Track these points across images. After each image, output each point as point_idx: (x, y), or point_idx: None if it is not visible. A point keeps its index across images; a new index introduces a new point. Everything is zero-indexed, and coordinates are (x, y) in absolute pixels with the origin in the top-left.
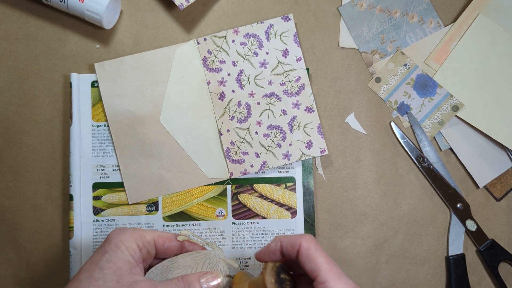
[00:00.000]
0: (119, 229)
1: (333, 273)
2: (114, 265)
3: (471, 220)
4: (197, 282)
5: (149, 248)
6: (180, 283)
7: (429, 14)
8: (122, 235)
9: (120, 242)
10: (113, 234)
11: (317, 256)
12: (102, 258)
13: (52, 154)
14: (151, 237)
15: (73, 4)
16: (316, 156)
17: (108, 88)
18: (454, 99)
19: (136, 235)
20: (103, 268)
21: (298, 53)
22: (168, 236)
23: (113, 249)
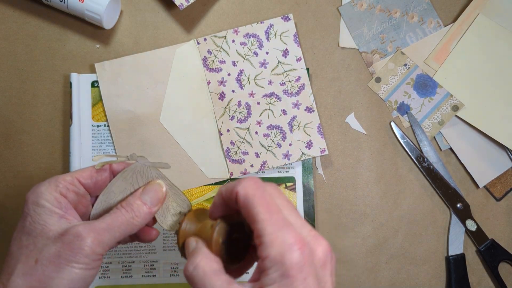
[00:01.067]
0: (34, 186)
1: (270, 224)
2: (39, 225)
3: (471, 220)
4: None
5: (75, 190)
6: (122, 211)
7: (429, 14)
8: (37, 190)
9: (38, 198)
10: (29, 194)
11: (254, 205)
12: (25, 223)
13: (52, 154)
14: (71, 178)
15: (73, 4)
16: (316, 156)
17: (108, 88)
18: (454, 99)
19: (53, 183)
20: (29, 232)
21: (298, 53)
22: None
23: (33, 208)
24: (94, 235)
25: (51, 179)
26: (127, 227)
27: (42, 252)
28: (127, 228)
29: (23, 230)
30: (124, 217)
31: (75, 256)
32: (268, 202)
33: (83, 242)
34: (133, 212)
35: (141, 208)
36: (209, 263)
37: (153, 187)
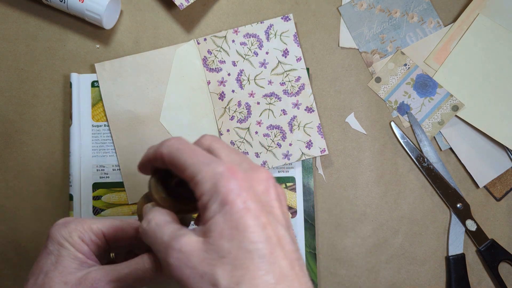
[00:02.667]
0: (61, 223)
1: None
2: (60, 266)
3: (471, 220)
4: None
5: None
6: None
7: (429, 14)
8: (64, 230)
9: (63, 239)
10: (54, 230)
11: (180, 157)
12: (47, 261)
13: (52, 154)
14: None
15: (73, 4)
16: (316, 156)
17: (109, 88)
18: (454, 99)
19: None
20: (48, 272)
21: (298, 53)
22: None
23: (57, 248)
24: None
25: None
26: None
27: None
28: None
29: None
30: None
31: None
32: (192, 149)
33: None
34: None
35: None
36: (161, 216)
37: None
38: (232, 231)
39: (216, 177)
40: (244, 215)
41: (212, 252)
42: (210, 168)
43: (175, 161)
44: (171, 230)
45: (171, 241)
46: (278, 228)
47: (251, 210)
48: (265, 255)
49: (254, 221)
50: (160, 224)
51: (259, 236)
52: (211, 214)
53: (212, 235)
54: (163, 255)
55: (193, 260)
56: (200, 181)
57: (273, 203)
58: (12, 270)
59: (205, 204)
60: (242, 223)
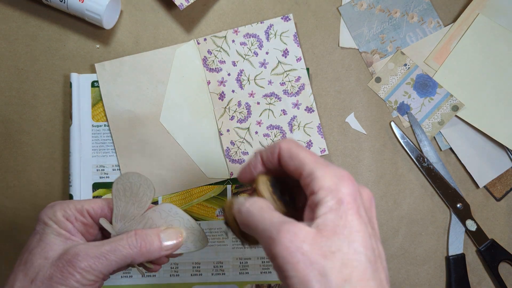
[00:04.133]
0: (48, 206)
1: (319, 163)
2: (42, 243)
3: (471, 220)
4: (156, 237)
5: (82, 220)
6: (132, 238)
7: (429, 14)
8: (49, 211)
9: (47, 218)
10: (41, 212)
11: (299, 152)
12: (33, 240)
13: (52, 154)
14: (81, 206)
15: (73, 4)
16: None
17: (109, 88)
18: (454, 99)
19: (64, 207)
20: (32, 249)
21: (298, 53)
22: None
23: (42, 227)
24: (88, 262)
25: (63, 202)
26: (127, 258)
27: (38, 273)
28: (127, 259)
29: (27, 248)
30: (128, 248)
31: (65, 280)
32: (310, 151)
33: (75, 267)
34: (144, 244)
35: (154, 244)
36: (265, 203)
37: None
38: (345, 230)
39: (337, 178)
40: (357, 219)
41: (324, 245)
42: (331, 168)
43: (294, 156)
44: (279, 215)
45: (284, 224)
46: (379, 243)
47: (362, 217)
48: (371, 262)
49: (364, 228)
50: (264, 208)
51: (367, 242)
52: (326, 209)
53: (326, 229)
54: (273, 233)
55: (306, 247)
56: (319, 177)
57: (374, 220)
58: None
59: (321, 198)
60: (355, 226)
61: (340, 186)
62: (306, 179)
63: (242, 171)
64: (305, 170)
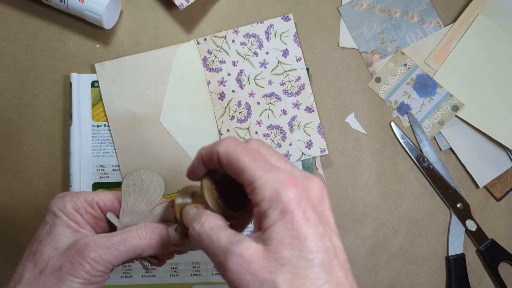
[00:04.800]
0: (58, 196)
1: (258, 169)
2: (52, 234)
3: (471, 220)
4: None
5: (92, 213)
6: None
7: (429, 14)
8: (59, 201)
9: (57, 209)
10: (51, 203)
11: (238, 158)
12: (42, 231)
13: (52, 154)
14: (92, 198)
15: (73, 4)
16: (316, 156)
17: (109, 88)
18: (454, 99)
19: (74, 198)
20: (41, 240)
21: (298, 53)
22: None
23: (52, 218)
24: (97, 253)
25: (73, 193)
26: (136, 250)
27: (48, 263)
28: (136, 250)
29: (37, 238)
30: (137, 239)
31: (74, 271)
32: (251, 152)
33: (84, 258)
34: (153, 235)
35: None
36: (214, 220)
37: None
38: (292, 240)
39: (278, 185)
40: (304, 224)
41: (273, 259)
42: (271, 174)
43: (233, 162)
44: (227, 235)
45: (230, 245)
46: (333, 238)
47: (310, 220)
48: (324, 265)
49: (314, 231)
50: (214, 228)
51: (318, 246)
52: (270, 222)
53: (273, 243)
54: (221, 259)
55: (254, 266)
56: (260, 186)
57: (327, 213)
58: (13, 270)
59: (264, 211)
60: (303, 233)
61: (282, 194)
62: (248, 188)
63: (187, 172)
64: (245, 178)
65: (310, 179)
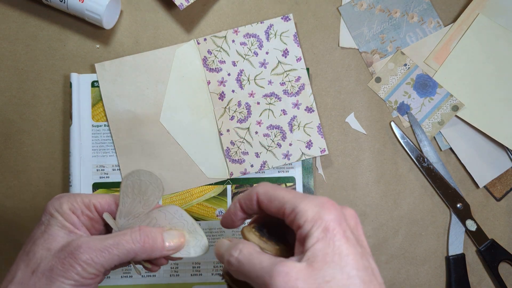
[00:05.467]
0: (56, 197)
1: (298, 198)
2: (46, 234)
3: (471, 220)
4: (159, 235)
5: (88, 214)
6: (136, 234)
7: (429, 14)
8: (56, 202)
9: (54, 210)
10: (48, 203)
11: (277, 193)
12: (37, 231)
13: (52, 154)
14: (89, 200)
15: (73, 4)
16: (316, 156)
17: (108, 88)
18: (454, 99)
19: (71, 200)
20: (35, 240)
21: (298, 53)
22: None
23: (47, 218)
24: (89, 255)
25: (71, 194)
26: (129, 253)
27: (40, 264)
28: (129, 254)
29: (32, 238)
30: (131, 243)
31: (66, 272)
32: (288, 189)
33: (76, 259)
34: (147, 239)
35: (157, 242)
36: (252, 246)
37: (178, 234)
38: (335, 257)
39: (319, 207)
40: (345, 242)
41: (318, 277)
42: (310, 199)
43: (272, 198)
44: (268, 257)
45: (275, 266)
46: (370, 260)
47: (350, 239)
48: (365, 282)
49: (354, 250)
50: (252, 253)
51: (359, 263)
52: (314, 240)
53: (316, 260)
54: (266, 279)
55: (300, 283)
56: (302, 210)
57: (362, 238)
58: None
59: (307, 231)
60: (344, 250)
61: (323, 214)
62: (290, 216)
63: (223, 219)
64: (287, 208)
65: (345, 207)
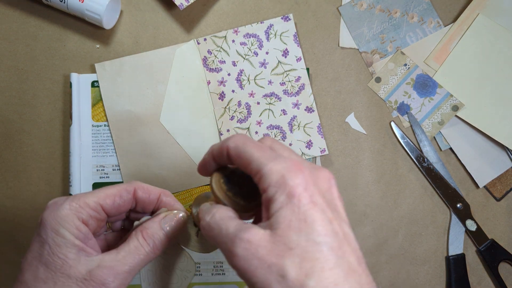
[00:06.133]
0: (52, 206)
1: (265, 158)
2: (59, 258)
3: (471, 220)
4: (158, 227)
5: (97, 216)
6: (144, 246)
7: (429, 14)
8: (58, 215)
9: (58, 225)
10: (46, 216)
11: (246, 150)
12: (43, 251)
13: (52, 154)
14: (95, 205)
15: (73, 4)
16: (316, 156)
17: (109, 88)
18: (454, 99)
19: (75, 208)
20: (47, 264)
21: (298, 53)
22: (115, 192)
23: (51, 236)
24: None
25: (73, 201)
26: (146, 263)
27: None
28: (146, 263)
29: (40, 259)
30: (146, 254)
31: None
32: (259, 145)
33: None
34: (155, 245)
35: (163, 241)
36: (224, 211)
37: (177, 219)
38: (300, 223)
39: (284, 170)
40: (311, 208)
41: (280, 243)
42: (277, 162)
43: (241, 155)
44: (236, 224)
45: (238, 232)
46: (343, 225)
47: (318, 204)
48: (333, 248)
49: (322, 215)
50: (223, 218)
51: (327, 229)
52: (277, 206)
53: (280, 227)
54: (229, 246)
55: (261, 251)
56: (267, 173)
57: (336, 202)
58: (13, 270)
59: (271, 196)
60: (310, 216)
61: (288, 179)
62: (256, 177)
63: (199, 167)
64: (253, 168)
65: (318, 169)
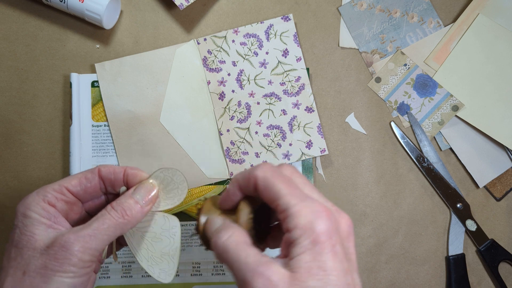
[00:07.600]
0: (23, 198)
1: (294, 197)
2: (25, 236)
3: (471, 220)
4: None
5: (64, 198)
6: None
7: (429, 14)
8: (25, 201)
9: (26, 210)
10: (17, 206)
11: (275, 183)
12: (15, 235)
13: (52, 154)
14: (59, 187)
15: (73, 4)
16: (316, 156)
17: (109, 88)
18: (454, 99)
19: (41, 193)
20: (17, 244)
21: (298, 53)
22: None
23: (21, 220)
24: (81, 243)
25: (39, 189)
26: (116, 230)
27: (29, 264)
28: (116, 230)
29: (12, 243)
30: (114, 219)
31: (62, 266)
32: (287, 180)
33: (69, 251)
34: (124, 212)
35: (133, 207)
36: (242, 236)
37: (145, 186)
38: (319, 271)
39: (313, 216)
40: (331, 258)
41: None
42: (307, 204)
43: (269, 188)
44: (255, 253)
45: (258, 266)
46: (354, 275)
47: (338, 254)
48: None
49: (339, 266)
50: (242, 244)
51: (341, 281)
52: (301, 250)
53: (300, 271)
54: (246, 276)
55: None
56: (295, 214)
57: (352, 250)
58: None
59: (295, 238)
60: (329, 266)
61: (315, 224)
62: (281, 214)
63: (222, 201)
64: (280, 204)
65: (341, 214)
